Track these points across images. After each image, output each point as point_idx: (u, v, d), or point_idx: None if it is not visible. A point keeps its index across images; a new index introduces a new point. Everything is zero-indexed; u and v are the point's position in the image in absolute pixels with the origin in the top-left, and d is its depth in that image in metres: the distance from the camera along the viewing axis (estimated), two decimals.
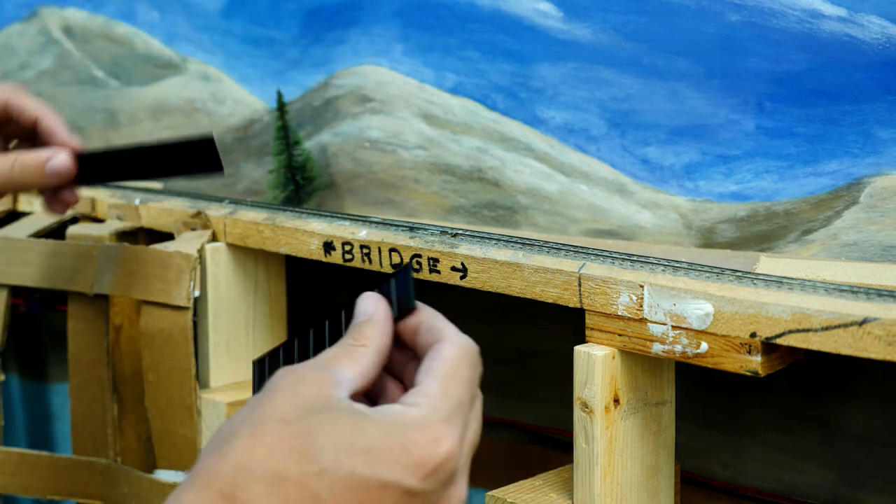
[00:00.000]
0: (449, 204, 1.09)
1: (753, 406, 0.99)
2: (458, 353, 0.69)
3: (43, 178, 0.98)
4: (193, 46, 1.27)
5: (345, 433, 0.63)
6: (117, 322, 1.15)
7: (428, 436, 0.63)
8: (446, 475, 0.64)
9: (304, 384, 0.65)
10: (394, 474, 0.62)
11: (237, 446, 0.63)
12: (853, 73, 0.87)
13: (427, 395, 0.66)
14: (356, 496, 0.62)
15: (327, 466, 0.62)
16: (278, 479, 0.62)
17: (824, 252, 0.89)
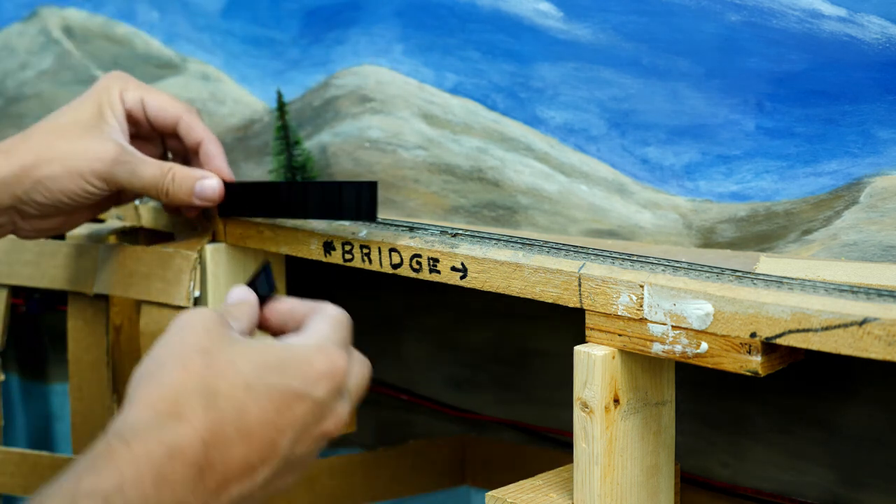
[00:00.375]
0: (449, 204, 1.09)
1: (753, 406, 0.99)
2: (339, 313, 0.81)
3: (190, 195, 1.03)
4: (193, 46, 1.27)
5: (259, 356, 0.75)
6: (117, 322, 1.15)
7: (326, 356, 0.76)
8: (338, 388, 0.76)
9: (212, 322, 0.76)
10: (303, 385, 0.75)
11: (170, 373, 0.73)
12: (853, 73, 0.87)
13: (320, 331, 0.78)
14: (274, 405, 0.74)
15: (251, 382, 0.73)
16: (212, 394, 0.72)
17: (824, 252, 0.89)
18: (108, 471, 0.68)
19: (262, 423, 0.73)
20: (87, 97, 1.04)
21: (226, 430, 0.72)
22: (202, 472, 0.71)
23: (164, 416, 0.71)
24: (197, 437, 0.71)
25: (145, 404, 0.72)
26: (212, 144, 1.05)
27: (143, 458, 0.69)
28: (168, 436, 0.70)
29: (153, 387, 0.73)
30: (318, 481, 1.13)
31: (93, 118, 1.02)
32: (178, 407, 0.72)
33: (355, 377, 0.79)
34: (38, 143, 1.00)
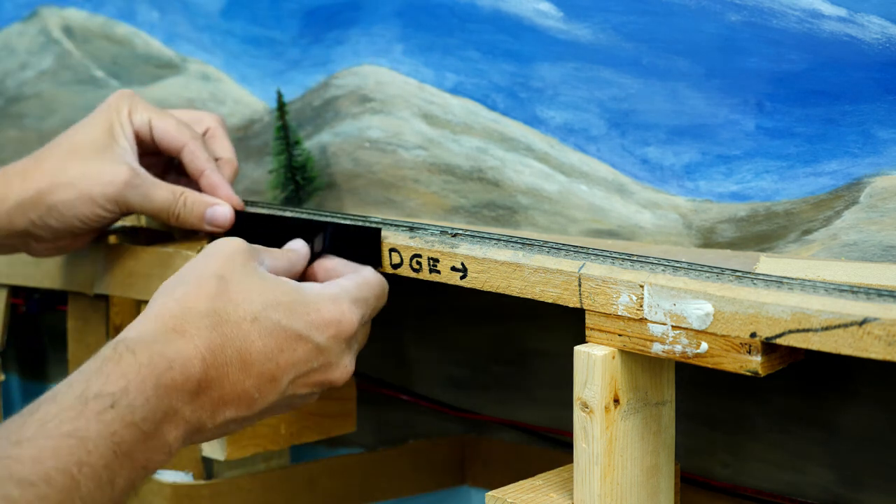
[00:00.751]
0: (449, 204, 1.09)
1: (753, 406, 0.99)
2: (375, 277, 0.89)
3: (201, 221, 1.05)
4: (193, 46, 1.27)
5: (274, 294, 0.81)
6: (117, 322, 1.15)
7: (337, 307, 0.82)
8: (345, 341, 0.82)
9: (238, 253, 0.83)
10: (307, 329, 0.81)
11: (186, 292, 0.80)
12: (853, 73, 0.87)
13: (341, 285, 0.85)
14: (277, 342, 0.79)
15: (258, 315, 0.79)
16: (219, 318, 0.78)
17: (824, 252, 0.89)
18: (115, 376, 0.73)
19: (262, 356, 0.79)
20: (98, 116, 1.04)
21: (226, 354, 0.78)
22: (199, 387, 0.76)
23: (170, 331, 0.77)
24: (197, 355, 0.77)
25: (156, 316, 0.78)
26: (214, 175, 1.06)
27: (146, 367, 0.74)
28: (170, 350, 0.76)
29: (168, 301, 0.79)
30: (318, 481, 1.13)
31: (104, 139, 1.03)
32: (185, 324, 0.78)
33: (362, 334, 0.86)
34: (52, 166, 1.01)
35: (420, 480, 1.19)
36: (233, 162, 1.08)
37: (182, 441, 0.76)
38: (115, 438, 0.71)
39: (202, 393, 0.77)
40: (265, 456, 1.09)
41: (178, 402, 0.75)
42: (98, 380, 0.73)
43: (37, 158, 1.03)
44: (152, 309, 0.79)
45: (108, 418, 0.71)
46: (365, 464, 1.17)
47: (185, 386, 0.76)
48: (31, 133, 1.40)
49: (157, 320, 0.78)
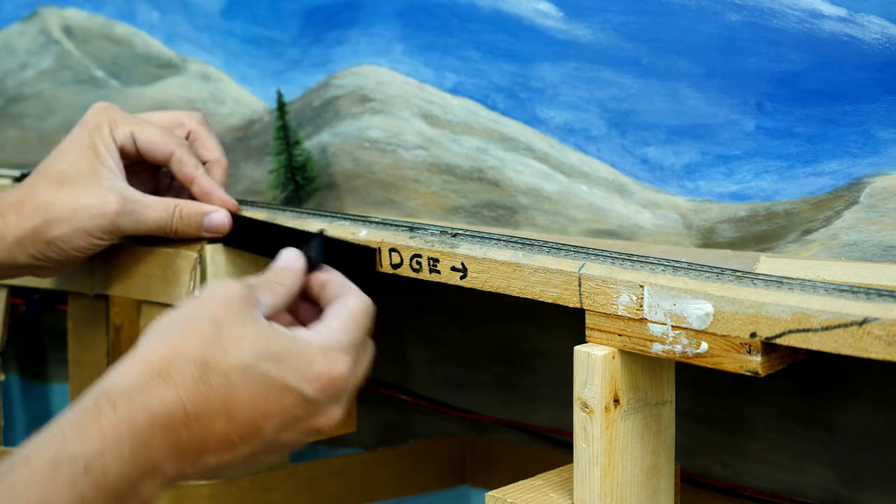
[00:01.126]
0: (449, 204, 1.09)
1: (753, 406, 0.99)
2: (360, 305, 0.84)
3: (199, 230, 1.05)
4: (193, 46, 1.27)
5: (265, 343, 0.78)
6: (117, 322, 1.15)
7: (327, 358, 0.79)
8: (335, 393, 0.80)
9: (234, 298, 0.80)
10: (296, 381, 0.78)
11: (175, 336, 0.77)
12: (853, 73, 0.87)
13: (331, 329, 0.81)
14: (264, 393, 0.77)
15: (249, 365, 0.77)
16: (208, 367, 0.76)
17: (824, 252, 0.89)
18: (92, 434, 0.72)
19: (248, 406, 0.77)
20: (79, 137, 1.04)
21: (211, 405, 0.76)
22: (180, 439, 0.75)
23: (156, 376, 0.75)
24: (180, 407, 0.75)
25: (143, 359, 0.76)
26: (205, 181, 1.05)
27: (125, 423, 0.73)
28: (153, 400, 0.74)
29: (157, 344, 0.77)
30: (318, 481, 1.13)
31: (89, 165, 1.02)
32: (171, 370, 0.75)
33: (356, 378, 0.82)
34: (44, 200, 1.01)
35: (420, 480, 1.19)
36: (221, 162, 1.08)
37: (159, 490, 0.75)
38: (85, 503, 0.70)
39: (182, 445, 0.75)
40: None
41: (157, 457, 0.74)
42: (74, 439, 0.71)
43: (29, 190, 1.02)
44: (140, 350, 0.77)
45: (79, 483, 0.70)
46: (365, 464, 1.17)
47: (165, 440, 0.74)
48: (31, 133, 1.40)
49: (143, 364, 0.76)
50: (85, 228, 1.01)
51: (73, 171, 1.02)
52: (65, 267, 1.05)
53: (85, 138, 1.03)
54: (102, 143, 1.03)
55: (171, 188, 1.10)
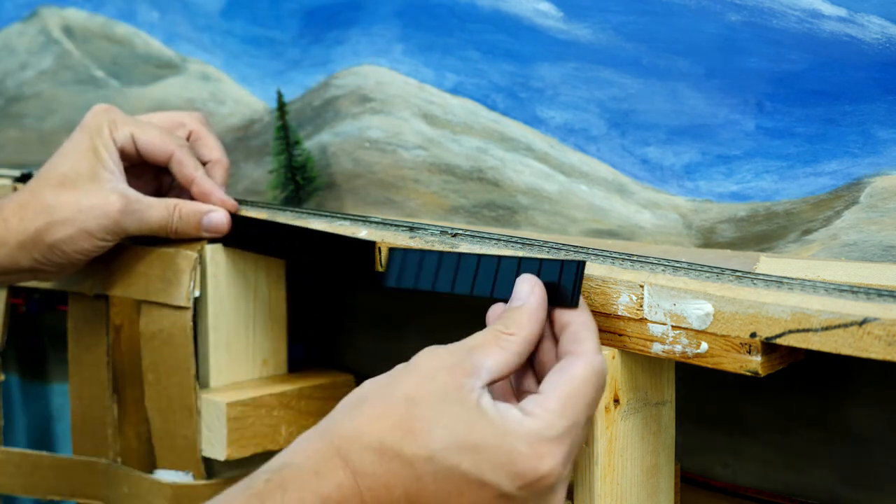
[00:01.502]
0: (449, 204, 1.09)
1: (753, 406, 0.99)
2: (587, 374, 0.73)
3: (198, 230, 1.05)
4: (193, 46, 1.27)
5: (461, 429, 0.68)
6: (117, 322, 1.15)
7: (535, 451, 0.69)
8: (543, 488, 0.70)
9: (443, 371, 0.71)
10: (494, 477, 0.68)
11: (365, 413, 0.70)
12: (853, 73, 0.87)
13: (546, 409, 0.71)
14: (455, 487, 0.68)
15: (437, 455, 0.68)
16: (391, 453, 0.68)
17: (824, 252, 0.89)
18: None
19: (435, 498, 0.69)
20: (80, 140, 1.04)
21: (392, 494, 0.69)
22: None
23: (334, 457, 0.69)
24: (356, 494, 0.68)
25: (326, 435, 0.70)
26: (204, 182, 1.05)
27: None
28: (327, 486, 0.68)
29: (343, 417, 0.70)
30: None
31: (90, 167, 1.03)
32: (351, 453, 0.69)
33: (569, 468, 0.73)
34: (46, 203, 1.02)
35: None
36: (223, 161, 1.08)
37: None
38: None
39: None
40: (265, 456, 1.09)
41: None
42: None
43: (31, 193, 1.03)
44: (328, 422, 0.71)
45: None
46: None
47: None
48: (31, 133, 1.40)
49: (325, 441, 0.69)
50: (87, 229, 1.01)
51: (75, 173, 1.02)
52: (66, 270, 1.05)
53: (85, 141, 1.03)
54: (103, 144, 1.03)
55: (172, 190, 1.11)
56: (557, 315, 0.77)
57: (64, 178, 1.02)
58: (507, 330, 0.75)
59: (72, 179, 1.02)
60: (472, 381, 0.71)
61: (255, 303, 1.11)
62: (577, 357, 0.74)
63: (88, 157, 1.03)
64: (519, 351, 0.74)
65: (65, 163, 1.03)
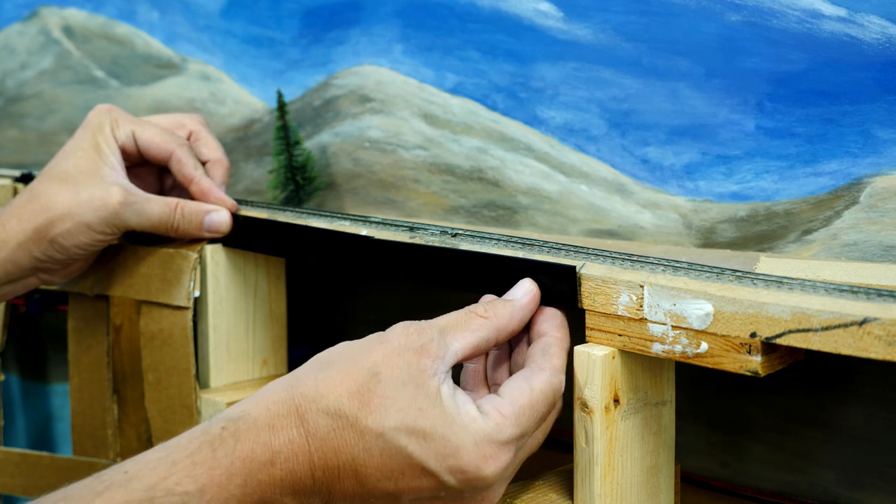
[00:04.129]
0: (449, 204, 1.09)
1: (753, 406, 0.99)
2: (545, 389, 0.77)
3: (200, 229, 1.05)
4: (193, 46, 1.27)
5: (415, 413, 0.71)
6: (117, 322, 1.15)
7: (480, 451, 0.72)
8: (481, 486, 0.73)
9: (410, 352, 0.74)
10: (437, 466, 0.71)
11: (330, 376, 0.73)
12: (853, 73, 0.87)
13: (501, 412, 0.74)
14: (398, 466, 0.71)
15: (387, 433, 0.71)
16: (345, 421, 0.71)
17: (824, 252, 0.89)
18: (202, 468, 0.70)
19: (379, 473, 0.72)
20: (82, 138, 1.04)
21: (340, 459, 0.71)
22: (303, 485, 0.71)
23: (292, 414, 0.72)
24: (306, 454, 0.71)
25: (288, 390, 0.73)
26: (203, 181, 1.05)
27: (241, 461, 0.70)
28: (279, 441, 0.71)
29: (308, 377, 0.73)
30: None
31: (91, 162, 1.03)
32: (308, 413, 0.72)
33: (515, 466, 0.76)
34: (46, 201, 1.01)
35: None
36: (223, 161, 1.08)
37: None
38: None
39: (308, 490, 0.72)
40: None
41: (274, 495, 0.71)
42: (181, 470, 0.69)
43: (30, 194, 1.02)
44: (293, 378, 0.74)
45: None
46: None
47: (285, 481, 0.71)
48: (31, 133, 1.40)
49: (288, 399, 0.72)
50: (87, 222, 1.01)
51: (76, 169, 1.02)
52: (68, 268, 1.05)
53: (87, 138, 1.04)
54: (105, 142, 1.03)
55: (172, 191, 1.11)
56: (538, 322, 0.81)
57: (66, 175, 1.02)
58: (482, 313, 0.79)
59: (73, 175, 1.02)
60: (437, 365, 0.74)
61: (255, 303, 1.11)
62: (541, 370, 0.78)
63: (90, 154, 1.03)
64: (487, 336, 0.78)
65: (67, 161, 1.03)
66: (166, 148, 1.05)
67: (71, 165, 1.03)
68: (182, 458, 0.70)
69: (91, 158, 1.03)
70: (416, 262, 0.91)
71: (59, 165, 1.03)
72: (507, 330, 0.79)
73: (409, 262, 0.93)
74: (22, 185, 1.26)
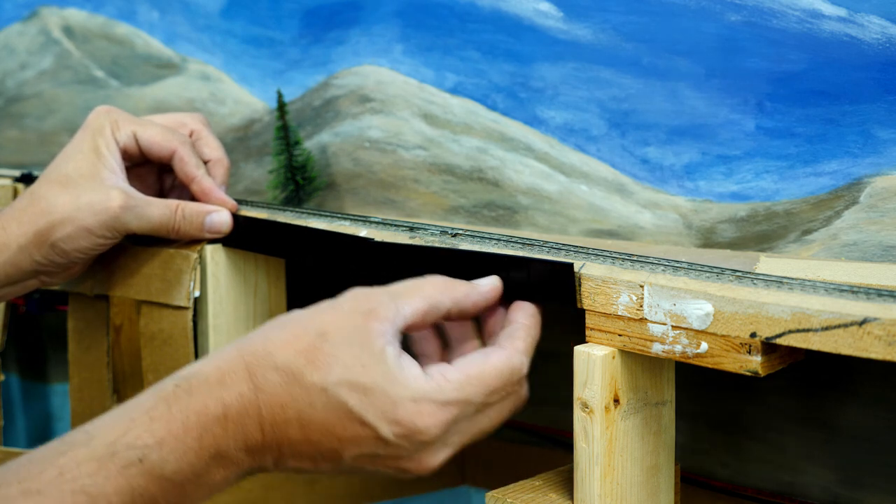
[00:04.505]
0: (449, 204, 1.09)
1: (753, 406, 0.99)
2: (502, 364, 0.80)
3: (201, 230, 1.05)
4: (193, 46, 1.27)
5: (357, 370, 0.75)
6: (117, 322, 1.15)
7: (417, 406, 0.75)
8: (418, 442, 0.75)
9: (358, 315, 0.77)
10: (375, 419, 0.75)
11: (279, 336, 0.76)
12: (853, 73, 0.87)
13: (445, 377, 0.77)
14: (340, 421, 0.74)
15: (330, 388, 0.74)
16: (292, 377, 0.74)
17: (824, 252, 0.89)
18: (160, 423, 0.72)
19: (322, 427, 0.75)
20: (82, 140, 1.04)
21: (287, 414, 0.74)
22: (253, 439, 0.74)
23: (242, 370, 0.75)
24: (255, 407, 0.74)
25: (239, 350, 0.76)
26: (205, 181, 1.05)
27: (195, 415, 0.73)
28: (230, 394, 0.74)
29: (259, 337, 0.77)
30: (318, 481, 1.13)
31: (91, 165, 1.02)
32: (257, 369, 0.75)
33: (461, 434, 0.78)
34: (47, 204, 1.01)
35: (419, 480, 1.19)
36: (223, 161, 1.08)
37: (235, 479, 0.75)
38: (137, 492, 0.71)
39: (258, 445, 0.75)
40: None
41: (228, 449, 0.74)
42: (139, 426, 0.72)
43: (31, 197, 1.02)
44: (244, 339, 0.77)
45: (131, 473, 0.71)
46: None
47: (238, 435, 0.74)
48: (31, 133, 1.40)
49: (237, 355, 0.76)
50: (87, 226, 1.01)
51: (76, 173, 1.02)
52: (69, 270, 1.05)
53: (87, 141, 1.03)
54: (105, 144, 1.03)
55: (173, 190, 1.11)
56: (511, 313, 0.84)
57: (66, 178, 1.02)
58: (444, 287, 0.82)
59: (73, 179, 1.02)
60: (385, 327, 0.77)
61: (255, 303, 1.11)
62: (501, 349, 0.81)
63: (90, 157, 1.03)
64: (439, 303, 0.80)
65: (67, 164, 1.03)
66: (168, 146, 1.05)
67: (71, 169, 1.02)
68: (139, 414, 0.73)
69: (91, 162, 1.02)
70: (416, 262, 0.91)
71: (60, 168, 1.03)
72: (461, 305, 0.82)
73: (408, 263, 0.93)
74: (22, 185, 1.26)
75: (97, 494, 0.70)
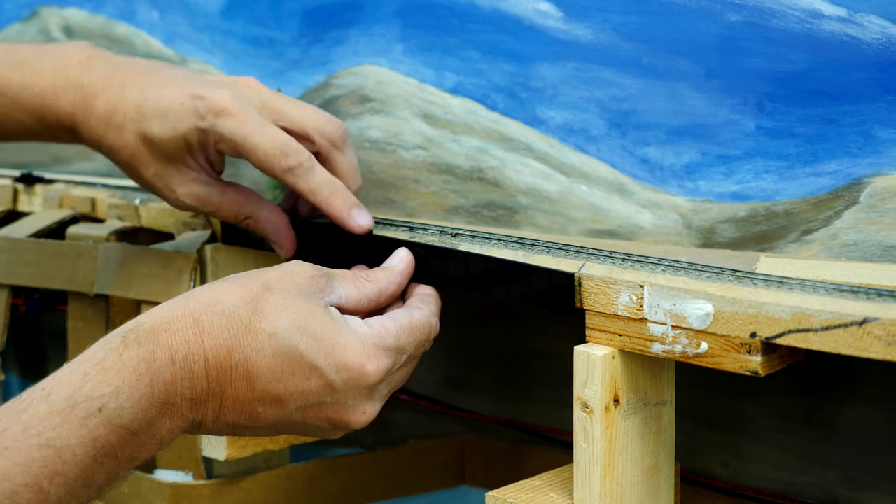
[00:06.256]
0: (449, 204, 1.09)
1: (753, 406, 0.99)
2: (426, 320, 0.84)
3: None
4: (193, 46, 1.27)
5: (306, 317, 0.77)
6: (117, 322, 1.15)
7: (364, 350, 0.78)
8: (363, 386, 0.79)
9: (302, 276, 0.80)
10: (324, 364, 0.77)
11: (225, 287, 0.79)
12: (853, 73, 0.87)
13: (384, 325, 0.81)
14: (289, 366, 0.76)
15: (280, 333, 0.76)
16: (239, 323, 0.76)
17: (824, 252, 0.89)
18: (112, 373, 0.73)
19: (270, 374, 0.76)
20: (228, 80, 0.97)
21: (233, 360, 0.76)
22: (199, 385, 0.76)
23: (188, 317, 0.76)
24: (201, 351, 0.76)
25: (185, 301, 0.78)
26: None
27: (146, 363, 0.74)
28: (176, 340, 0.75)
29: (205, 289, 0.79)
30: (318, 481, 1.13)
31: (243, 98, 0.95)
32: (204, 316, 0.76)
33: (390, 383, 0.82)
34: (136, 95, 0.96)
35: (419, 480, 1.20)
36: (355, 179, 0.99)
37: (178, 433, 0.77)
38: (99, 442, 0.72)
39: (202, 392, 0.76)
40: (265, 456, 1.09)
41: (176, 398, 0.75)
42: (94, 377, 0.73)
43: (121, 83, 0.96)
44: (191, 293, 0.79)
45: (92, 423, 0.72)
46: (365, 464, 1.17)
47: (185, 382, 0.75)
48: None
49: (183, 305, 0.77)
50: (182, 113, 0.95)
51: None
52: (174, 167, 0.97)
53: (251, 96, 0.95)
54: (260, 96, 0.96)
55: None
56: (413, 289, 0.89)
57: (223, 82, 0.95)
58: (366, 277, 0.86)
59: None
60: (325, 293, 0.81)
61: None
62: (420, 308, 0.85)
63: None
64: (369, 295, 0.85)
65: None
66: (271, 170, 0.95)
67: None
68: (92, 367, 0.74)
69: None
70: (417, 261, 0.91)
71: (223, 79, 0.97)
72: (387, 293, 0.86)
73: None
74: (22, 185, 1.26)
75: (63, 447, 0.71)
